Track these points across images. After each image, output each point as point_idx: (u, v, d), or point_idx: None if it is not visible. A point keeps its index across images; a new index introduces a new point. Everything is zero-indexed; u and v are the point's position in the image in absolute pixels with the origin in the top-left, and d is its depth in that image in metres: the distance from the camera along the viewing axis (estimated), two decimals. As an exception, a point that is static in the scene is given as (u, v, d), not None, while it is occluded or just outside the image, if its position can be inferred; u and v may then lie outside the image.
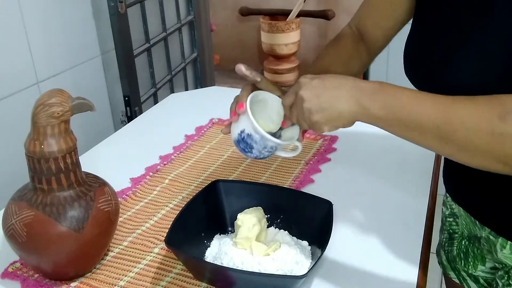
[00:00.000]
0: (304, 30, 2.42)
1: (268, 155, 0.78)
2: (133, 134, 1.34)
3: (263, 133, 0.73)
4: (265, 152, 0.76)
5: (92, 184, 0.79)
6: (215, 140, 1.25)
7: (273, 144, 0.75)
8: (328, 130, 0.68)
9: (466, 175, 0.82)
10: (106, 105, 1.73)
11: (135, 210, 0.98)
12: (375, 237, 0.88)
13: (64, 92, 0.75)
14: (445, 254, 0.98)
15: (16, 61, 1.32)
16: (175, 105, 1.51)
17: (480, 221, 0.82)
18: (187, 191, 1.03)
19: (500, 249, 0.79)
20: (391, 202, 0.97)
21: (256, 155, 0.77)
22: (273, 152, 0.78)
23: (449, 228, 0.95)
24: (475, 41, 0.66)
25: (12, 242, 0.75)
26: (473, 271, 0.91)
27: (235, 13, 2.55)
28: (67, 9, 1.48)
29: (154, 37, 1.88)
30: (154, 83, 1.90)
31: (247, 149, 0.76)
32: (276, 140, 0.74)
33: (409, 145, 1.16)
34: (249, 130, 0.74)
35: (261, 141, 0.74)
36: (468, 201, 0.85)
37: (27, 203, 0.74)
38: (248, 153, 0.77)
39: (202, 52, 2.26)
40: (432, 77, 0.72)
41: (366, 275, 0.79)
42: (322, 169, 1.10)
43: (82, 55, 1.57)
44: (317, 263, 0.73)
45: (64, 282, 0.80)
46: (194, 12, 2.18)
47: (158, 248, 0.86)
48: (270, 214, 0.87)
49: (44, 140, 0.73)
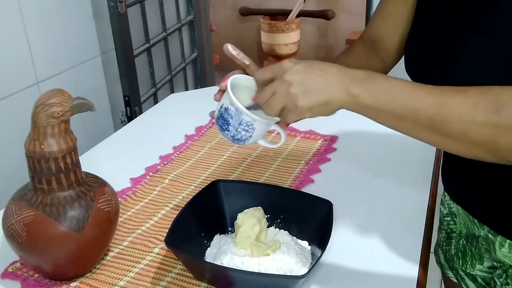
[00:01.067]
0: (304, 30, 2.42)
1: (245, 136, 0.73)
2: (133, 134, 1.34)
3: (238, 105, 0.70)
4: (242, 131, 0.73)
5: (92, 184, 0.79)
6: (215, 140, 1.25)
7: (248, 120, 0.71)
8: (309, 116, 0.65)
9: (465, 173, 0.82)
10: (106, 105, 1.73)
11: (135, 210, 0.98)
12: (375, 237, 0.88)
13: (64, 92, 0.75)
14: (443, 254, 0.98)
15: (16, 61, 1.32)
16: (175, 105, 1.51)
17: (479, 219, 0.82)
18: (187, 191, 1.03)
19: (498, 247, 0.79)
20: (391, 202, 0.97)
21: (232, 133, 0.73)
22: (251, 135, 0.74)
23: (447, 227, 0.95)
24: (478, 39, 0.66)
25: (12, 242, 0.75)
26: (471, 270, 0.91)
27: (235, 13, 2.55)
28: (67, 9, 1.48)
29: (154, 37, 1.88)
30: (154, 83, 1.90)
31: (224, 126, 0.73)
32: (250, 114, 0.70)
33: (409, 145, 1.17)
34: (226, 103, 0.72)
35: (236, 115, 0.71)
36: (467, 199, 0.85)
37: (27, 203, 0.74)
38: (226, 132, 0.74)
39: (202, 52, 2.26)
40: (434, 74, 0.71)
41: (366, 275, 0.79)
42: (322, 169, 1.10)
43: (82, 55, 1.57)
44: (317, 263, 0.73)
45: (64, 282, 0.80)
46: (194, 12, 2.18)
47: (158, 248, 0.86)
48: (270, 214, 0.87)
49: (44, 140, 0.73)
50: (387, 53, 0.90)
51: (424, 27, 0.78)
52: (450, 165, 0.87)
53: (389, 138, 1.22)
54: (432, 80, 0.64)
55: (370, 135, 1.24)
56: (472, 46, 0.67)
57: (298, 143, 1.21)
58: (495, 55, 0.64)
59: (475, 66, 0.66)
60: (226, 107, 0.72)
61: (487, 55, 0.65)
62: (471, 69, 0.66)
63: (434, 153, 1.14)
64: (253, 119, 0.71)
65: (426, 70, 0.74)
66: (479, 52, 0.66)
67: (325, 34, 2.55)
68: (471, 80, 0.63)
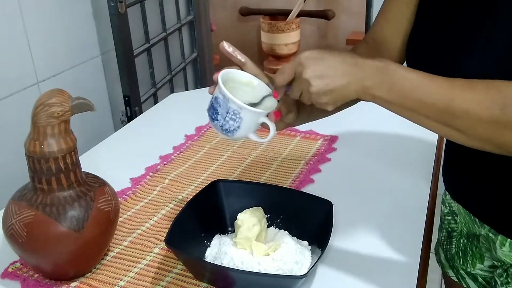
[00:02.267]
0: (304, 30, 2.42)
1: (234, 126, 0.73)
2: (133, 134, 1.34)
3: (225, 91, 0.70)
4: (230, 121, 0.72)
5: (92, 184, 0.79)
6: (215, 140, 1.25)
7: (235, 108, 0.71)
8: (332, 108, 0.70)
9: (466, 172, 0.82)
10: (106, 105, 1.73)
11: (135, 210, 0.98)
12: (375, 237, 0.88)
13: (64, 92, 0.75)
14: (444, 253, 0.98)
15: (16, 61, 1.32)
16: (175, 105, 1.51)
17: (479, 218, 0.82)
18: (187, 191, 1.03)
19: (499, 246, 0.79)
20: (391, 202, 0.97)
21: (221, 123, 0.73)
22: (240, 126, 0.73)
23: (448, 226, 0.95)
24: (481, 36, 0.66)
25: (12, 242, 0.75)
26: (472, 269, 0.91)
27: (235, 13, 2.55)
28: (67, 9, 1.48)
29: (154, 37, 1.88)
30: (154, 83, 1.90)
31: (214, 116, 0.73)
32: (236, 101, 0.70)
33: (409, 145, 1.17)
34: (217, 93, 0.73)
35: (224, 103, 0.71)
36: (468, 199, 0.85)
37: (27, 203, 0.74)
38: (215, 121, 0.74)
39: (202, 52, 2.26)
40: (435, 72, 0.71)
41: (366, 275, 0.79)
42: (322, 169, 1.10)
43: (82, 55, 1.57)
44: (317, 263, 0.73)
45: (64, 282, 0.80)
46: (194, 12, 2.18)
47: (158, 248, 0.86)
48: (270, 214, 0.87)
49: (44, 140, 0.73)
50: (390, 54, 0.89)
51: (426, 25, 0.78)
52: (451, 164, 0.87)
53: (389, 138, 1.22)
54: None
55: (370, 135, 1.24)
56: (474, 44, 0.67)
57: (298, 143, 1.21)
58: (497, 53, 0.64)
59: (477, 64, 0.66)
60: (216, 96, 0.73)
61: (489, 52, 0.65)
62: (473, 67, 0.67)
63: (434, 153, 1.14)
64: (239, 106, 0.71)
65: (428, 68, 0.74)
66: (481, 49, 0.66)
67: (325, 34, 2.55)
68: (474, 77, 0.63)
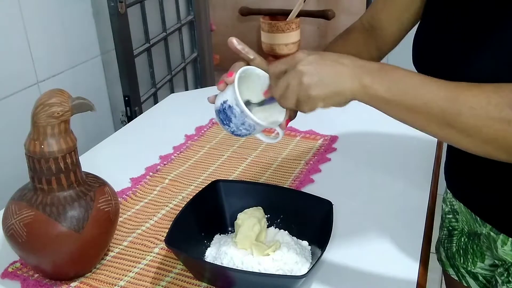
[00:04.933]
0: (304, 30, 2.42)
1: (245, 133, 0.74)
2: (133, 134, 1.34)
3: (244, 108, 0.69)
4: (243, 129, 0.73)
5: (92, 184, 0.79)
6: (215, 140, 1.25)
7: (251, 123, 0.71)
8: (322, 107, 0.65)
9: (468, 172, 0.82)
10: (106, 105, 1.73)
11: (135, 210, 0.98)
12: (375, 237, 0.88)
13: (64, 92, 0.75)
14: (444, 251, 0.98)
15: (16, 61, 1.32)
16: (175, 105, 1.51)
17: (481, 217, 0.82)
18: (187, 191, 1.03)
19: (501, 245, 0.79)
20: (391, 202, 0.97)
21: (233, 129, 0.73)
22: (251, 132, 0.74)
23: (449, 224, 0.95)
24: (493, 34, 0.65)
25: (12, 242, 0.75)
26: (472, 268, 0.91)
27: (235, 13, 2.55)
28: (67, 9, 1.48)
29: (154, 37, 1.88)
30: (154, 83, 1.90)
31: (225, 121, 0.73)
32: (255, 119, 0.70)
33: (409, 145, 1.17)
34: (232, 101, 0.70)
35: (240, 116, 0.71)
36: (470, 198, 0.84)
37: (27, 203, 0.74)
38: (226, 126, 0.73)
39: (202, 52, 2.26)
40: (442, 68, 0.70)
41: (366, 275, 0.79)
42: (322, 169, 1.10)
43: (82, 55, 1.57)
44: (317, 263, 0.73)
45: (64, 282, 0.80)
46: (194, 12, 2.18)
47: (158, 248, 0.86)
48: (270, 214, 0.87)
49: (44, 140, 0.73)
50: (384, 40, 0.88)
51: (434, 19, 0.76)
52: (454, 163, 0.86)
53: (389, 138, 1.22)
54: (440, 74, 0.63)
55: (370, 135, 1.24)
56: (486, 43, 0.65)
57: (298, 143, 1.21)
58: (508, 52, 0.63)
59: (488, 63, 0.64)
60: (231, 105, 0.70)
61: (502, 51, 0.63)
62: (485, 66, 0.65)
63: (434, 153, 1.14)
64: (256, 123, 0.71)
65: (435, 64, 0.73)
66: (493, 48, 0.64)
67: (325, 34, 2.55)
68: (483, 76, 0.62)
